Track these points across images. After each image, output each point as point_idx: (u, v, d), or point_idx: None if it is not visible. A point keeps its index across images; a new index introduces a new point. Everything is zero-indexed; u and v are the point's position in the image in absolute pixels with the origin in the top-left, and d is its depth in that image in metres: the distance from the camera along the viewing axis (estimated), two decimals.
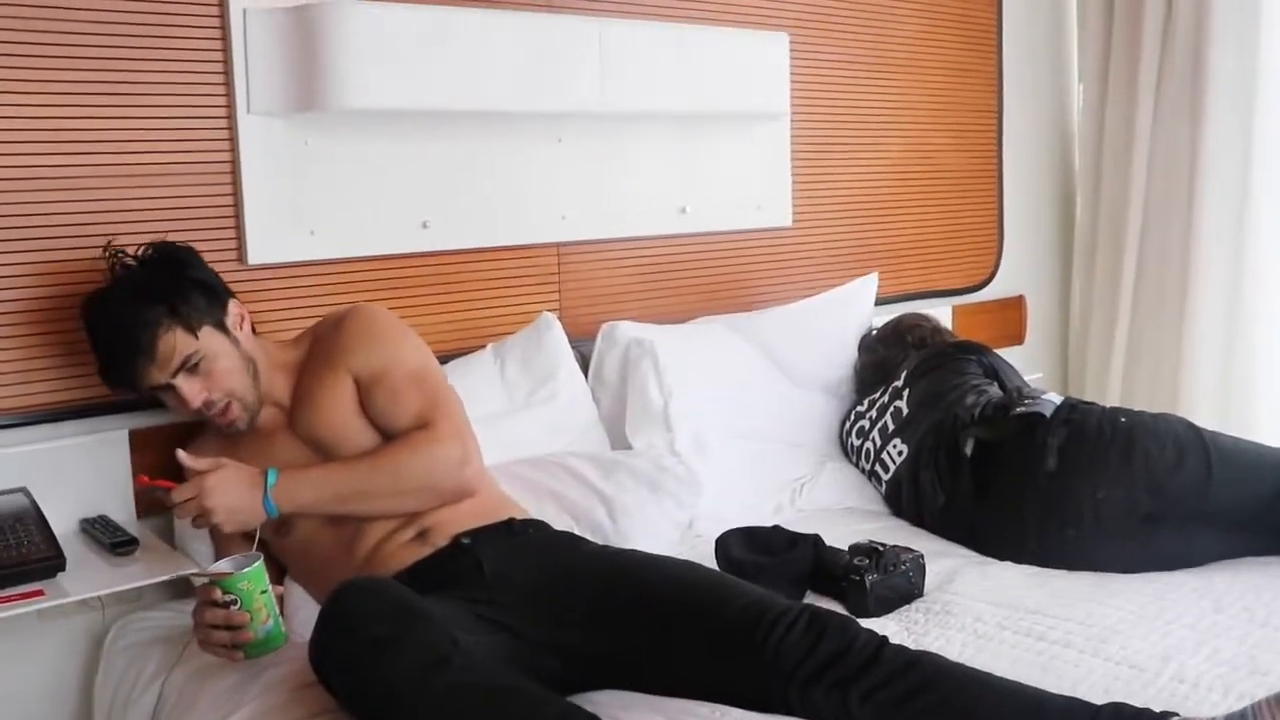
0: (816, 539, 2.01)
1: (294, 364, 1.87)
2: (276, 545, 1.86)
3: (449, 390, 1.86)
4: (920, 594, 1.93)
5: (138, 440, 1.99)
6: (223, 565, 1.60)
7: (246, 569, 1.56)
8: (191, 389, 1.76)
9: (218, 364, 1.78)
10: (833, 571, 1.93)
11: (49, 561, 1.73)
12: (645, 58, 2.43)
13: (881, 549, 1.90)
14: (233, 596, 1.56)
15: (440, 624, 1.47)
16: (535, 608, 1.66)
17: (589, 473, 2.12)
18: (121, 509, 1.99)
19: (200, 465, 1.69)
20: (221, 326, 1.81)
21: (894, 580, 1.89)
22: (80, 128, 1.94)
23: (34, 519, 1.81)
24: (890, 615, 1.86)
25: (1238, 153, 3.12)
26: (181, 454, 1.70)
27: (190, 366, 1.76)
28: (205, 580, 1.58)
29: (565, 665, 1.61)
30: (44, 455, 1.93)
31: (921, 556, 1.95)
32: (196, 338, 1.76)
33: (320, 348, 1.86)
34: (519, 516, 1.86)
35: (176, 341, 1.74)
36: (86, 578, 1.76)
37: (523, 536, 1.82)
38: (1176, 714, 1.40)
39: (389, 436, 1.81)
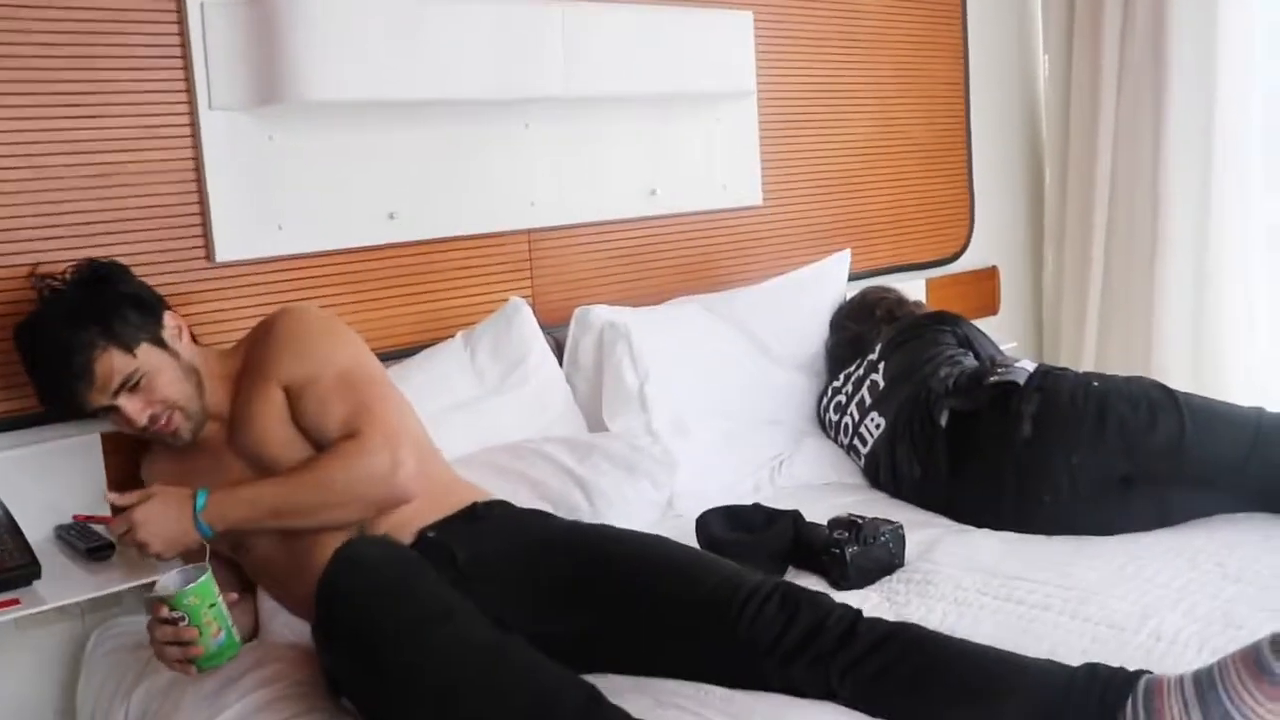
0: (796, 515, 2.01)
1: (233, 374, 1.82)
2: (241, 560, 1.84)
3: (381, 390, 1.79)
4: (901, 564, 1.93)
5: (110, 444, 1.97)
6: (171, 579, 1.57)
7: (191, 584, 1.54)
8: (134, 407, 1.72)
9: (159, 379, 1.73)
10: (813, 546, 1.93)
11: (23, 569, 1.72)
12: (609, 41, 2.42)
13: (860, 521, 1.90)
14: (180, 613, 1.53)
15: (446, 585, 1.50)
16: (514, 589, 1.66)
17: (564, 456, 2.12)
18: (96, 513, 1.97)
19: (126, 501, 1.65)
20: (159, 341, 1.76)
21: (874, 552, 1.89)
22: (34, 129, 1.91)
23: (6, 527, 1.80)
24: (872, 587, 1.86)
25: (1201, 119, 3.14)
26: (108, 495, 1.68)
27: (131, 386, 1.72)
28: (153, 596, 1.56)
29: (548, 647, 1.60)
30: (15, 462, 1.92)
31: (901, 527, 1.95)
32: (134, 356, 1.72)
33: (253, 357, 1.81)
34: (481, 500, 1.84)
35: (114, 362, 1.70)
36: (63, 585, 1.75)
37: (489, 520, 1.80)
38: (1149, 671, 1.41)
39: (320, 447, 1.75)
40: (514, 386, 2.26)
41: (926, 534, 2.05)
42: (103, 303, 1.73)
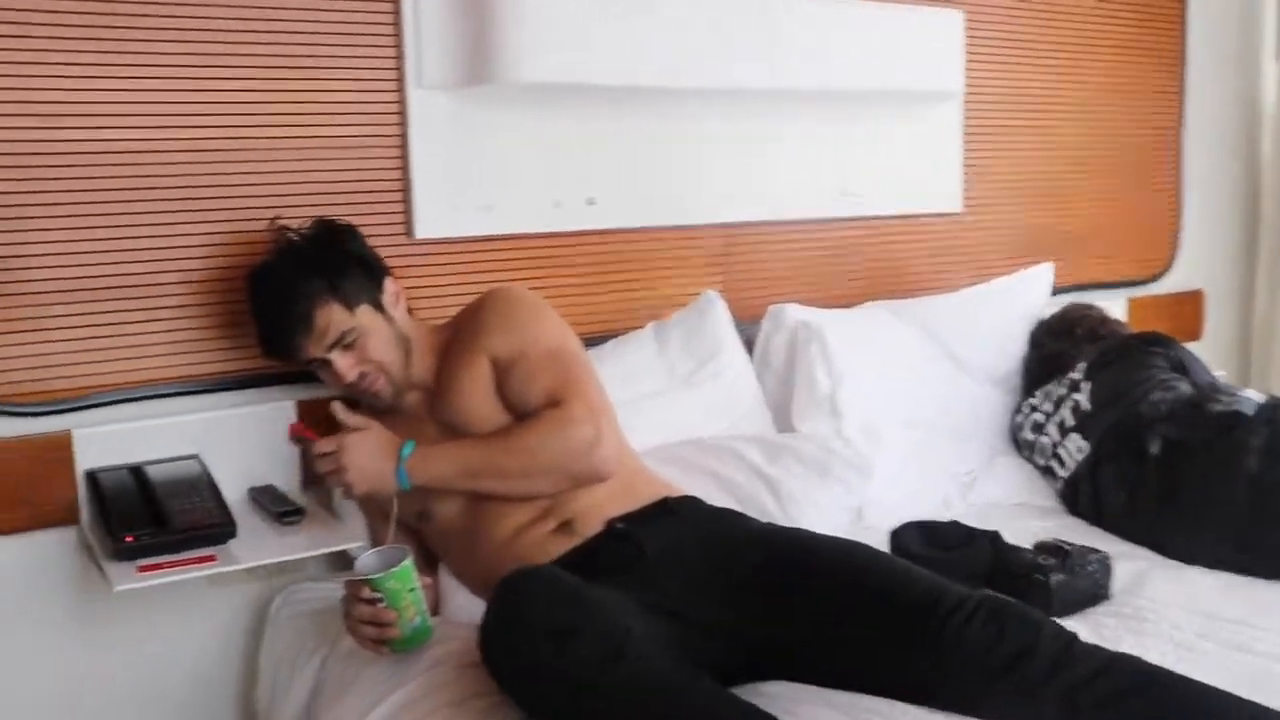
0: (995, 535, 1.92)
1: (440, 347, 1.85)
2: (423, 531, 1.84)
3: (586, 370, 1.81)
4: (1107, 597, 1.81)
5: (305, 410, 2.00)
6: (370, 559, 1.59)
7: (394, 568, 1.54)
8: (345, 363, 1.77)
9: (372, 340, 1.78)
10: (1014, 570, 1.83)
11: (222, 528, 1.75)
12: (817, 34, 2.35)
13: (1068, 548, 1.79)
14: (380, 595, 1.55)
15: (614, 613, 1.43)
16: (701, 590, 1.61)
17: (754, 455, 2.06)
18: (288, 478, 2.00)
19: (351, 421, 1.70)
20: (377, 304, 1.81)
21: (1080, 582, 1.78)
22: (251, 101, 1.95)
23: (207, 485, 1.83)
24: (1076, 616, 1.74)
25: None
26: (336, 405, 1.71)
27: (346, 343, 1.76)
28: (354, 577, 1.57)
29: (732, 652, 1.55)
30: (215, 423, 1.96)
31: (1108, 558, 1.84)
32: (354, 314, 1.77)
33: (461, 332, 1.84)
34: (672, 495, 1.80)
35: (333, 316, 1.75)
36: (254, 546, 1.78)
37: (681, 516, 1.76)
38: None
39: (522, 418, 1.77)
40: (704, 381, 2.21)
41: (1133, 566, 1.93)
42: (333, 259, 1.79)
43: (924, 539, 1.92)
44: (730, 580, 1.61)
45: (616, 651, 1.36)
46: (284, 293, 1.76)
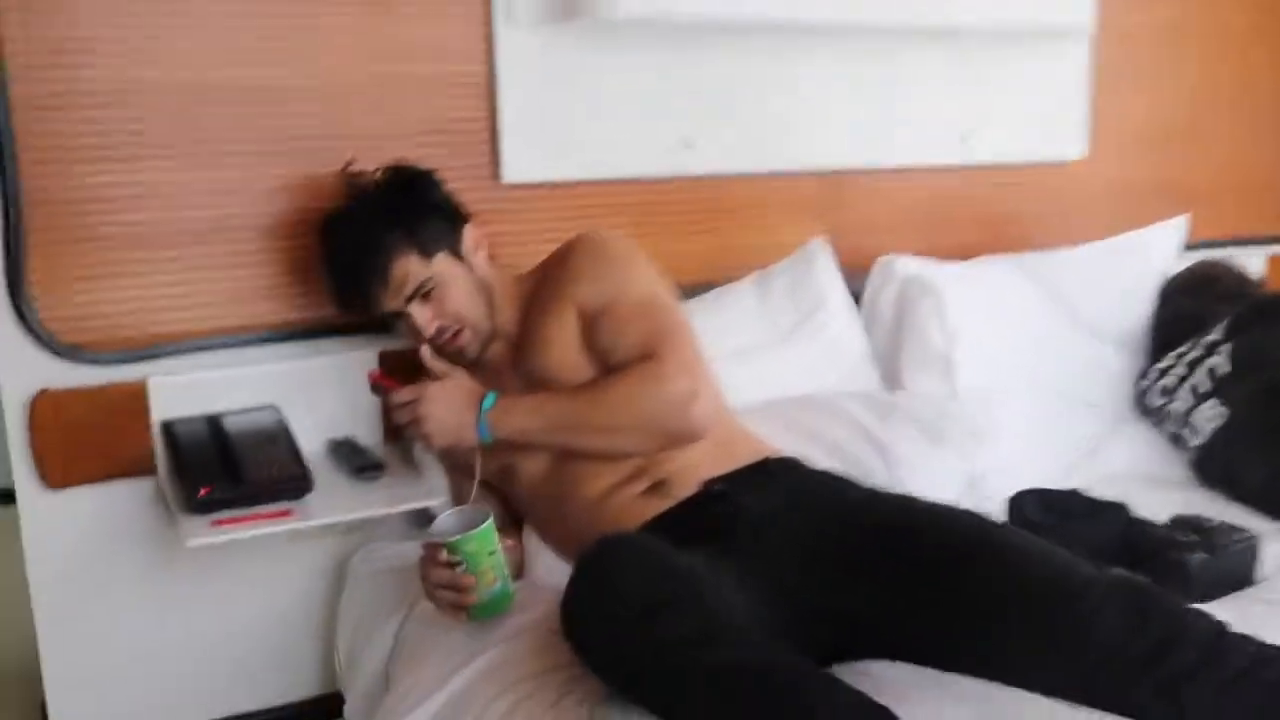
0: (1122, 507, 1.75)
1: (525, 296, 1.75)
2: (506, 490, 1.76)
3: (681, 322, 1.68)
4: (1252, 581, 1.64)
5: (388, 361, 1.91)
6: (448, 521, 1.51)
7: (474, 530, 1.45)
8: (424, 316, 1.68)
9: (451, 290, 1.69)
10: (1145, 547, 1.67)
11: (298, 482, 1.68)
12: None
13: (1209, 525, 1.62)
14: (459, 558, 1.46)
15: (708, 586, 1.31)
16: (800, 559, 1.48)
17: (862, 415, 1.93)
18: (369, 432, 1.93)
19: (437, 367, 1.63)
20: (457, 253, 1.71)
21: (1224, 562, 1.61)
22: (330, 38, 1.86)
23: (284, 437, 1.77)
24: (1217, 602, 1.58)
25: None
26: (425, 350, 1.64)
27: (424, 293, 1.68)
28: (431, 539, 1.49)
29: (834, 627, 1.42)
30: (294, 373, 1.89)
31: (1255, 537, 1.67)
32: (431, 264, 1.68)
33: (548, 280, 1.73)
34: (772, 455, 1.68)
35: (410, 267, 1.66)
36: (332, 501, 1.71)
37: (782, 479, 1.63)
38: None
39: (611, 371, 1.65)
40: (808, 336, 2.08)
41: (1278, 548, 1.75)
42: (408, 207, 1.70)
43: (1044, 509, 1.76)
44: (832, 549, 1.48)
45: (710, 632, 1.25)
46: (357, 243, 1.68)
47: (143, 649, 1.87)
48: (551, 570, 1.68)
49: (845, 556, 1.47)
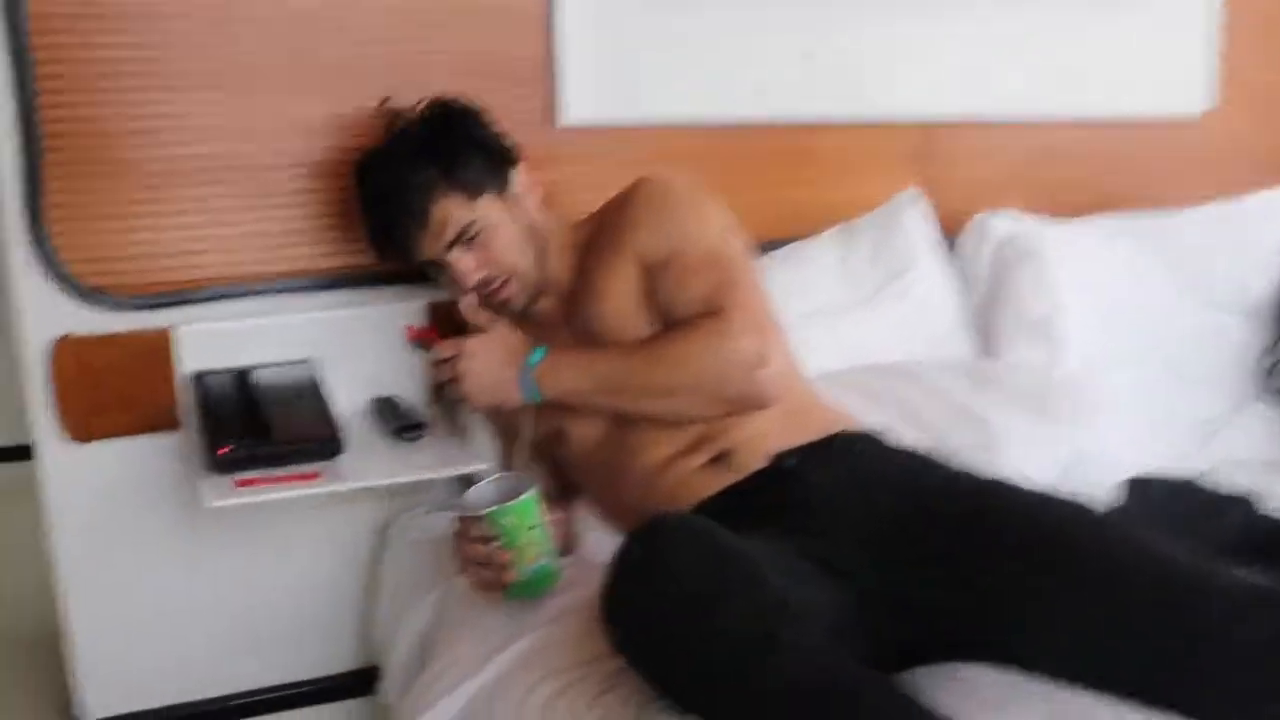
0: (1248, 499, 1.56)
1: (581, 245, 1.60)
2: (558, 454, 1.61)
3: (751, 276, 1.52)
4: None
5: (438, 314, 1.76)
6: (486, 490, 1.37)
7: (511, 502, 1.31)
8: (467, 264, 1.53)
9: (497, 236, 1.54)
10: (1274, 543, 1.47)
11: (327, 443, 1.55)
12: None
13: None
14: (495, 532, 1.31)
15: (770, 578, 1.14)
16: (879, 546, 1.31)
17: (954, 386, 1.77)
18: (413, 389, 1.79)
19: (480, 320, 1.50)
20: (504, 195, 1.57)
21: None
22: None
23: (316, 394, 1.64)
24: None
25: None
26: (465, 301, 1.50)
27: (467, 239, 1.53)
28: (464, 511, 1.35)
29: (914, 624, 1.25)
30: (335, 325, 1.75)
31: None
32: (475, 206, 1.53)
33: (606, 228, 1.57)
34: (847, 429, 1.51)
35: (451, 209, 1.52)
36: (367, 463, 1.57)
37: (860, 455, 1.47)
38: None
39: (673, 327, 1.50)
40: (894, 297, 1.92)
41: None
42: (450, 144, 1.55)
43: (1158, 500, 1.57)
44: (913, 537, 1.31)
45: (769, 634, 1.08)
46: (393, 182, 1.54)
47: (170, 615, 1.76)
48: (603, 545, 1.53)
49: (927, 546, 1.30)
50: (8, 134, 1.56)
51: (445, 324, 1.58)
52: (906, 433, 1.60)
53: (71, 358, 1.63)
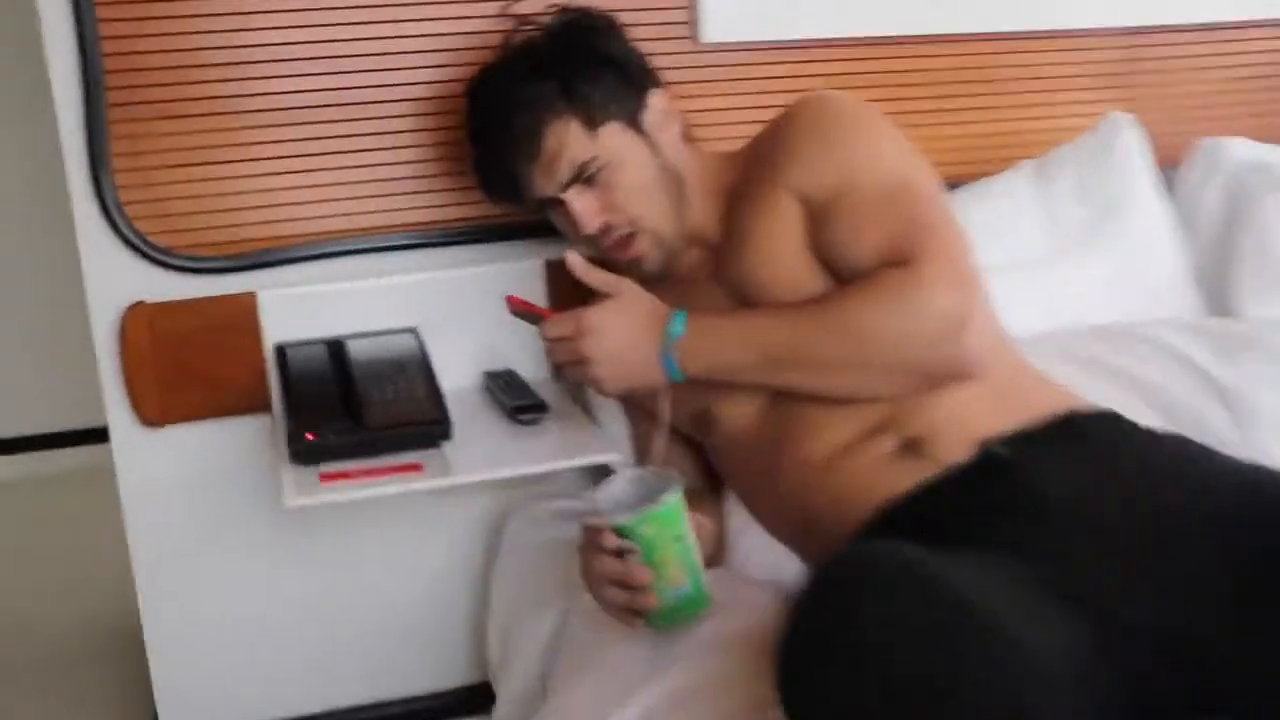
0: None
1: (730, 186, 1.32)
2: (704, 441, 1.35)
3: (945, 215, 1.23)
4: None
5: (557, 275, 1.54)
6: (618, 491, 1.13)
7: (653, 508, 1.06)
8: (587, 207, 1.28)
9: (625, 177, 1.28)
10: None
11: (432, 427, 1.33)
12: None
13: None
14: (631, 544, 1.06)
15: (1023, 641, 0.86)
16: (1134, 565, 1.01)
17: (1192, 350, 1.49)
18: (532, 362, 1.56)
19: (595, 280, 1.21)
20: (636, 125, 1.31)
21: None
22: None
23: (419, 369, 1.42)
24: None
25: None
26: (572, 257, 1.21)
27: (587, 177, 1.28)
28: (592, 519, 1.10)
29: (1189, 673, 0.96)
30: (442, 288, 1.55)
31: None
32: (597, 136, 1.27)
33: (760, 161, 1.29)
34: (1081, 409, 1.21)
35: (569, 136, 1.27)
36: (478, 451, 1.34)
37: (1099, 442, 1.16)
38: None
39: (849, 282, 1.22)
40: (1106, 244, 1.63)
41: None
42: (574, 58, 1.31)
43: None
44: (1183, 562, 1.01)
45: (1008, 711, 0.80)
46: (502, 100, 1.30)
47: (256, 622, 1.59)
48: (758, 556, 1.29)
49: (1203, 558, 1.01)
50: (67, 70, 1.38)
51: (570, 289, 1.33)
52: (1141, 413, 1.29)
53: (143, 328, 1.46)
